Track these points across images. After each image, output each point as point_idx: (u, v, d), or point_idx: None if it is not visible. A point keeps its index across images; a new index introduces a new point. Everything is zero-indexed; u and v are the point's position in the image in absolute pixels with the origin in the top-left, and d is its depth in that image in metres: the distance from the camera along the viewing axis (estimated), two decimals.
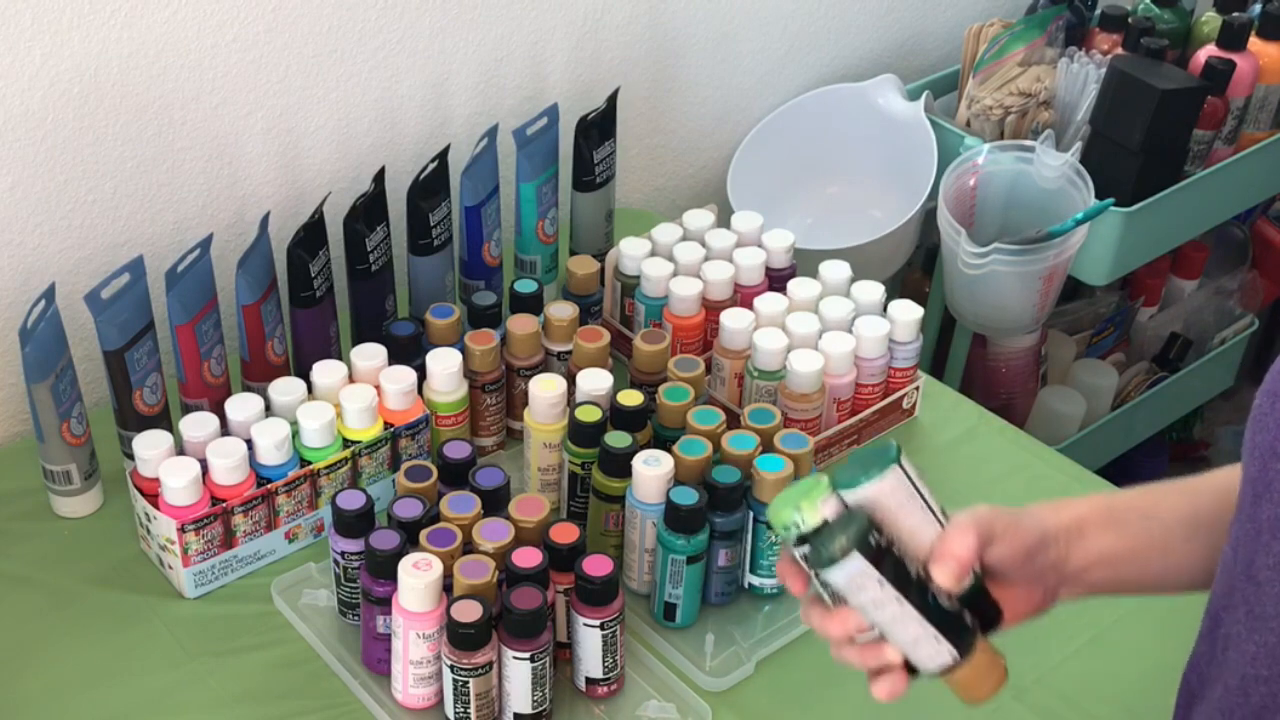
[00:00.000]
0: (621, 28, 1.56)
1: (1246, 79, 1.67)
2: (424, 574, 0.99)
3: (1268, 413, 0.72)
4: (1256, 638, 0.73)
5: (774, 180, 1.71)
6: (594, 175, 1.42)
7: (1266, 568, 0.72)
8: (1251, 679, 0.73)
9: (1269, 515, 0.71)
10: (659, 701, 1.06)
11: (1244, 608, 0.74)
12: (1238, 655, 0.75)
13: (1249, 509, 0.73)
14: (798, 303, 1.31)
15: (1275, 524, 0.71)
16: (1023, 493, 1.29)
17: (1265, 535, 0.72)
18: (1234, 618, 0.75)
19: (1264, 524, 0.72)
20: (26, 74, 1.18)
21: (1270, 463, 0.71)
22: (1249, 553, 0.73)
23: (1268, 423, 0.72)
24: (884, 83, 1.72)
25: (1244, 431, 0.75)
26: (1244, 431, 0.75)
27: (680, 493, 1.07)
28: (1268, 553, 0.71)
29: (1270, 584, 0.71)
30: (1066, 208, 1.57)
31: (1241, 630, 0.74)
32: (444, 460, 1.12)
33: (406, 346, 1.23)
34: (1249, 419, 0.75)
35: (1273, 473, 0.71)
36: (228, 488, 1.12)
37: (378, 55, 1.38)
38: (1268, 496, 0.71)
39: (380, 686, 1.06)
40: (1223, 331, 2.05)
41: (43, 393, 1.14)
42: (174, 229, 1.34)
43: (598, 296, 1.39)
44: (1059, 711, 1.08)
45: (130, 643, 1.10)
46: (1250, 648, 0.73)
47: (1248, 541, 0.73)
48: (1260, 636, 0.73)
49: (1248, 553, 0.73)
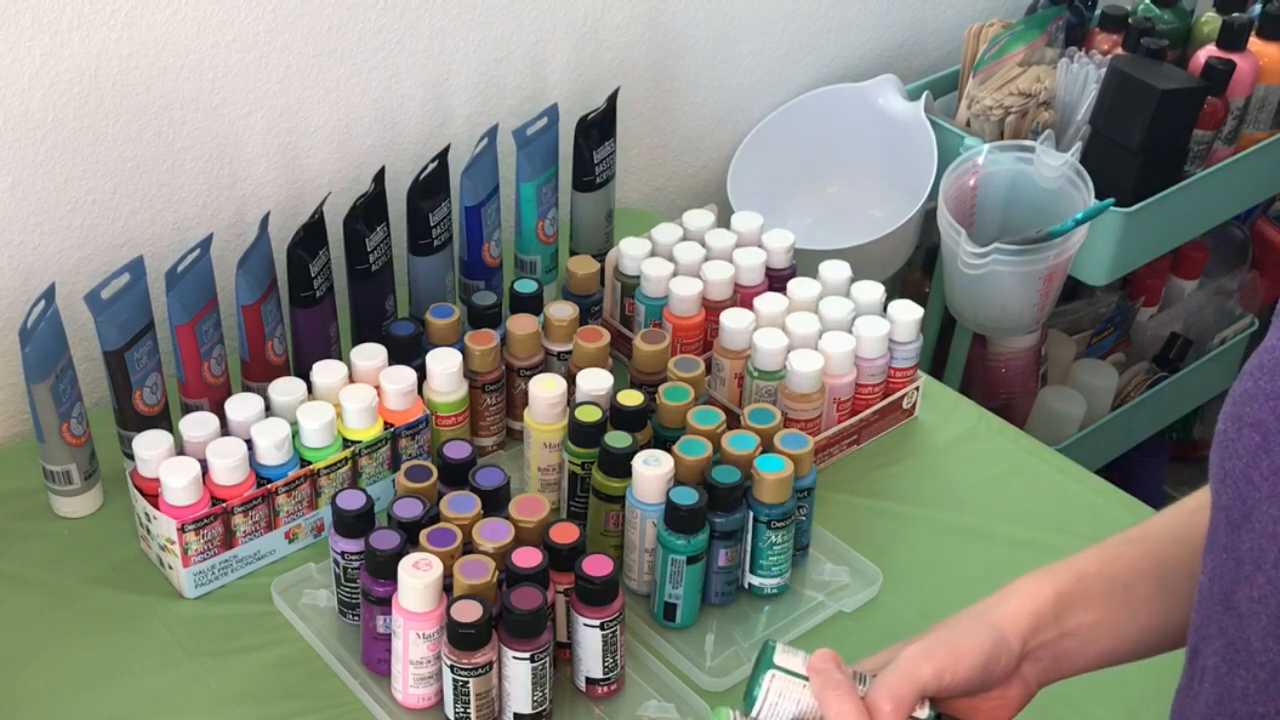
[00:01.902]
0: (621, 28, 1.56)
1: (1246, 79, 1.67)
2: (424, 574, 0.99)
3: (1234, 438, 0.69)
4: (1243, 673, 0.70)
5: (774, 180, 1.71)
6: (594, 175, 1.42)
7: (1250, 599, 0.69)
8: (1246, 716, 0.71)
9: (1250, 546, 0.69)
10: (659, 701, 1.06)
11: (1222, 639, 0.71)
12: (1215, 688, 0.72)
13: (1224, 538, 0.71)
14: (798, 303, 1.31)
15: (1258, 555, 0.68)
16: (1023, 493, 1.29)
17: (1248, 566, 0.69)
18: (1211, 649, 0.73)
19: (1245, 555, 0.69)
20: (26, 74, 1.18)
21: (1246, 492, 0.69)
22: (1228, 584, 0.70)
23: (1236, 449, 0.69)
24: (884, 83, 1.72)
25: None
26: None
27: (680, 493, 1.07)
28: (1250, 584, 0.69)
29: (1254, 616, 0.69)
30: (1066, 208, 1.57)
31: (1220, 664, 0.72)
32: (444, 460, 1.12)
33: (406, 346, 1.23)
34: (1214, 443, 0.72)
35: (1250, 502, 0.69)
36: (228, 488, 1.12)
37: (378, 55, 1.38)
38: (1247, 526, 0.69)
39: (380, 686, 1.06)
40: (1223, 331, 2.05)
41: (43, 393, 1.14)
42: (174, 229, 1.34)
43: (598, 296, 1.39)
44: (1059, 711, 1.08)
45: (130, 643, 1.10)
46: (1237, 683, 0.71)
47: (1225, 572, 0.71)
48: (1248, 672, 0.70)
49: (1226, 584, 0.71)
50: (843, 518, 1.24)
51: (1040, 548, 1.22)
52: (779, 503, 1.10)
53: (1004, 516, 1.25)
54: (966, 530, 1.24)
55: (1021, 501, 1.28)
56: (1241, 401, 0.70)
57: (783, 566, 1.14)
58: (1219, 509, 0.72)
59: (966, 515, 1.25)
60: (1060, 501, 1.28)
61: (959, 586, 1.19)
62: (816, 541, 1.20)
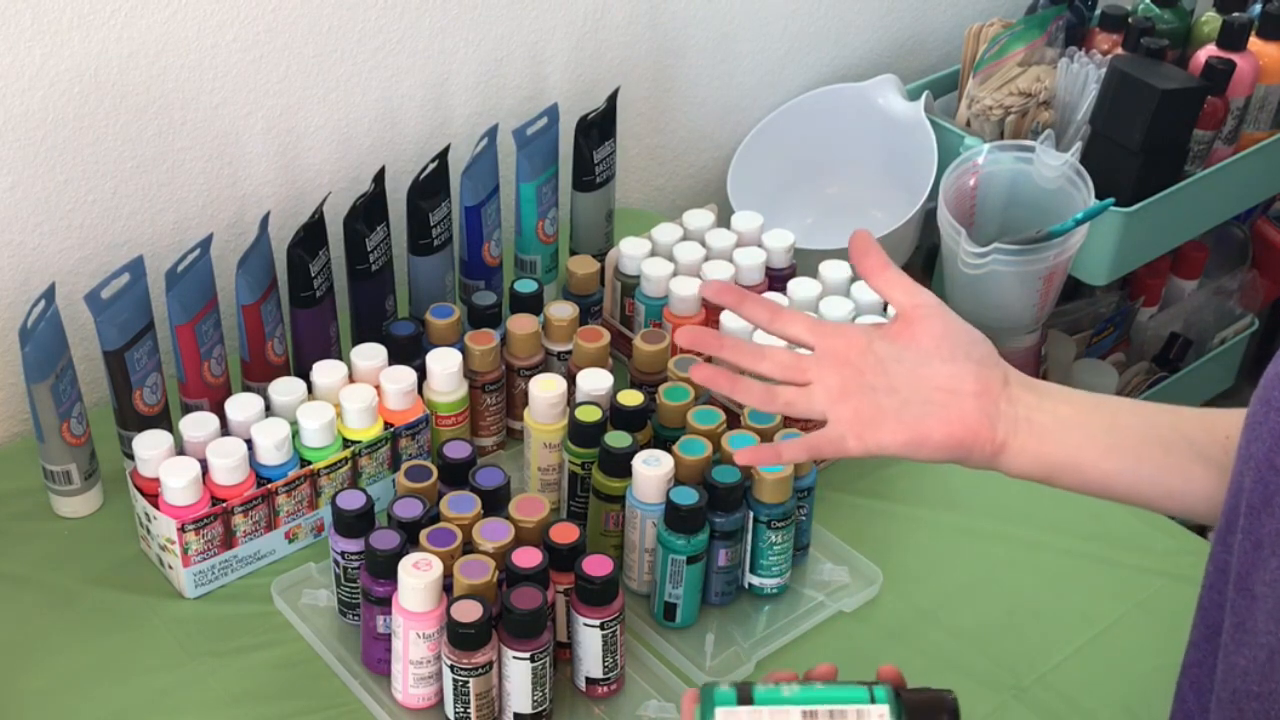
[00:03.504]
0: (621, 28, 1.56)
1: (1246, 79, 1.67)
2: (424, 574, 0.99)
3: (1261, 422, 0.70)
4: (1246, 652, 0.71)
5: (774, 180, 1.71)
6: (594, 175, 1.42)
7: (1263, 583, 0.70)
8: (1244, 694, 0.72)
9: (1270, 530, 0.70)
10: (659, 701, 1.06)
11: (1233, 619, 0.73)
12: (1226, 668, 0.74)
13: (1246, 522, 0.71)
14: (798, 303, 1.31)
15: (1276, 539, 0.69)
16: (1023, 493, 1.28)
17: (1265, 550, 0.70)
18: (1224, 628, 0.74)
19: (1265, 539, 0.70)
20: (26, 74, 1.18)
21: (1269, 476, 0.70)
22: (1246, 566, 0.71)
23: (1262, 433, 0.70)
24: (884, 83, 1.72)
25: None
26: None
27: (680, 493, 1.07)
28: (1265, 568, 0.70)
29: (1264, 599, 0.70)
30: (1066, 208, 1.57)
31: (1229, 643, 0.73)
32: (444, 460, 1.12)
33: (406, 346, 1.23)
34: (1244, 426, 0.73)
35: (1273, 487, 0.69)
36: (228, 488, 1.12)
37: (378, 55, 1.38)
38: (1267, 510, 0.70)
39: (380, 686, 1.06)
40: (1223, 331, 2.05)
41: (43, 393, 1.14)
42: (174, 229, 1.34)
43: (598, 296, 1.39)
44: (1059, 711, 1.08)
45: (130, 643, 1.10)
46: (1239, 662, 0.72)
47: (1245, 555, 0.72)
48: (1250, 652, 0.71)
49: (1245, 566, 0.72)
50: (843, 518, 1.24)
51: (1040, 548, 1.22)
52: (779, 503, 1.10)
53: (1004, 516, 1.25)
54: (966, 530, 1.24)
55: (1021, 501, 1.27)
56: (1270, 385, 0.71)
57: (783, 566, 1.14)
58: (1239, 491, 0.72)
59: (966, 515, 1.26)
60: (1060, 501, 1.27)
61: (959, 586, 1.19)
62: (816, 541, 1.20)
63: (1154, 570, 1.20)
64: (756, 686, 0.75)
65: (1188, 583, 1.18)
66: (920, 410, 0.84)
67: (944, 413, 0.84)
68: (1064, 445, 0.85)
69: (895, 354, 0.85)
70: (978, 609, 1.17)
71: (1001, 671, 1.11)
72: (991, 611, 1.17)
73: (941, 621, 1.15)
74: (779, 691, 0.75)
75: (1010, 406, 0.85)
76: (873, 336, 0.87)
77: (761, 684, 0.75)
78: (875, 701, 0.74)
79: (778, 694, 0.75)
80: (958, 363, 0.85)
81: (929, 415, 0.84)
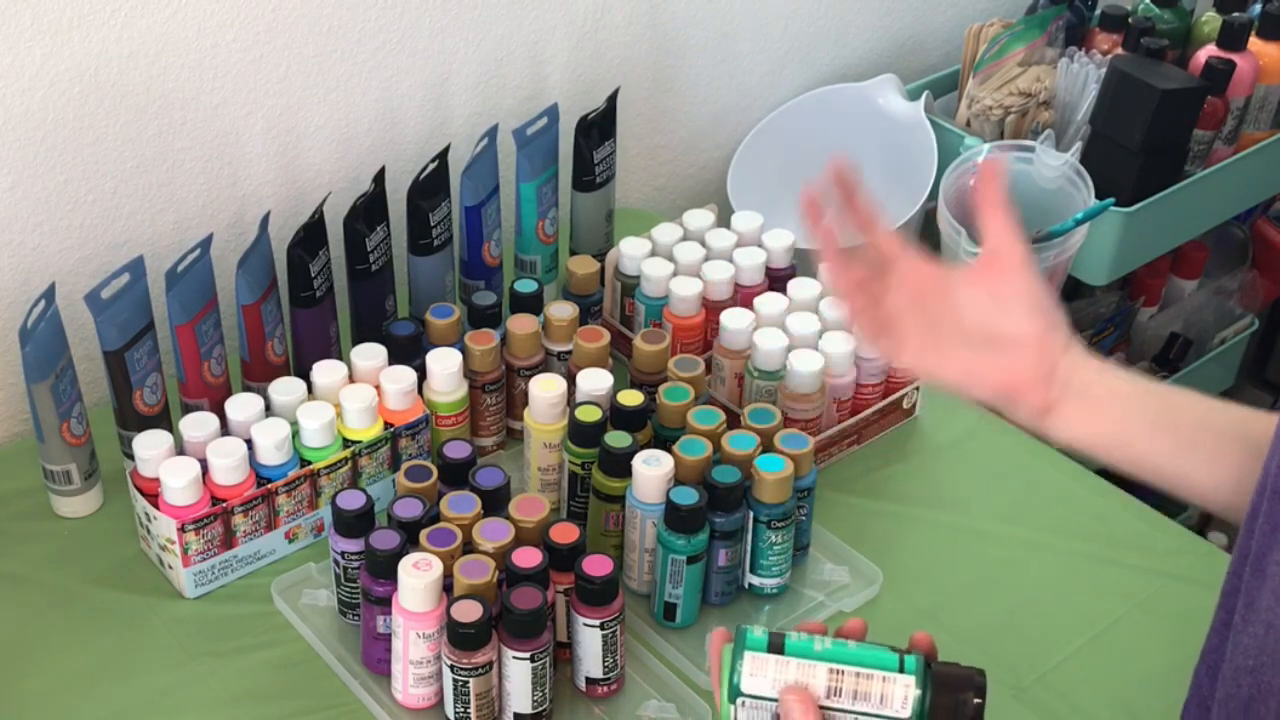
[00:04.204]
0: (621, 28, 1.56)
1: (1246, 79, 1.67)
2: (424, 574, 0.99)
3: None
4: (1251, 629, 0.73)
5: (774, 180, 1.71)
6: (594, 175, 1.42)
7: (1275, 563, 0.72)
8: (1243, 670, 0.73)
9: None
10: (659, 701, 1.06)
11: (1244, 599, 0.74)
12: (1233, 647, 0.75)
13: (1269, 506, 0.73)
14: (798, 303, 1.31)
15: None
16: (1022, 493, 1.29)
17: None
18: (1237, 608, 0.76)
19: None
20: (26, 74, 1.18)
21: None
22: (1263, 548, 0.73)
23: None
24: (884, 83, 1.72)
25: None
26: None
27: (680, 493, 1.07)
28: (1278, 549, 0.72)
29: (1274, 578, 0.71)
30: (1066, 208, 1.57)
31: (1239, 622, 0.74)
32: (444, 460, 1.12)
33: (406, 346, 1.23)
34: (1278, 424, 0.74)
35: None
36: (228, 488, 1.12)
37: (378, 55, 1.38)
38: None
39: (380, 686, 1.06)
40: (1223, 331, 2.04)
41: (43, 393, 1.14)
42: (174, 229, 1.34)
43: (598, 296, 1.39)
44: (1059, 711, 1.08)
45: (130, 643, 1.10)
46: (1244, 639, 0.73)
47: (1263, 538, 0.73)
48: (1254, 628, 0.73)
49: (1262, 548, 0.73)
50: (843, 518, 1.24)
51: (1040, 548, 1.22)
52: (779, 503, 1.10)
53: (1004, 516, 1.25)
54: (966, 530, 1.24)
55: (1021, 501, 1.27)
56: None
57: (783, 566, 1.14)
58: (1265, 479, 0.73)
59: (966, 515, 1.26)
60: (1060, 501, 1.28)
61: (959, 586, 1.19)
62: (816, 541, 1.20)
63: (1154, 570, 1.20)
64: (789, 635, 0.76)
65: (1188, 583, 1.18)
66: (980, 349, 0.87)
67: (1001, 359, 0.86)
68: (1117, 419, 0.86)
69: (970, 295, 0.89)
70: (978, 609, 1.17)
71: (1001, 671, 1.11)
72: (991, 611, 1.17)
73: (941, 621, 1.15)
74: (810, 645, 0.75)
75: (1068, 370, 0.86)
76: (953, 275, 0.90)
77: (794, 634, 0.75)
78: (905, 670, 0.74)
79: (809, 647, 0.75)
80: (1028, 318, 0.87)
81: (987, 357, 0.87)
